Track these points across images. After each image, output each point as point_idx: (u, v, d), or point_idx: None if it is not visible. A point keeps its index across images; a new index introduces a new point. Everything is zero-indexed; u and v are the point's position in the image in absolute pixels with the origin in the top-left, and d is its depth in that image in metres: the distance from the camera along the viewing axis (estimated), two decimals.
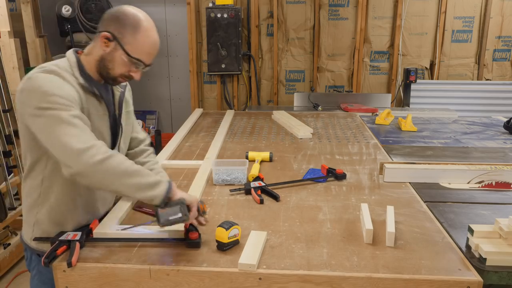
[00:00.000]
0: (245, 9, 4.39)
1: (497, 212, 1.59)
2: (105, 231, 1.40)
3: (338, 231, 1.44)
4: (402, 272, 1.20)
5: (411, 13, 4.30)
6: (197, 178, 1.89)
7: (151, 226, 1.37)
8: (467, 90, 4.35)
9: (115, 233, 1.39)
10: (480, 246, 1.25)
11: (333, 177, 1.92)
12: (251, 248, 1.29)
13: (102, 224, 1.44)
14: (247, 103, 4.60)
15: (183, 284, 1.22)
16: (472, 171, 1.86)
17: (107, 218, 1.49)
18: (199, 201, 1.38)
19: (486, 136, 2.71)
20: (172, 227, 1.32)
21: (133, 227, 1.40)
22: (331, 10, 4.36)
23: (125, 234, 1.38)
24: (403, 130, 2.86)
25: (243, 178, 1.85)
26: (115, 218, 1.49)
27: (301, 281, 1.19)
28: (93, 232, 1.38)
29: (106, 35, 1.35)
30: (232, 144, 2.52)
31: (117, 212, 1.54)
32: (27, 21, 4.28)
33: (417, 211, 1.59)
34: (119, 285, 1.24)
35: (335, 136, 2.71)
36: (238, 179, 1.85)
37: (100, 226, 1.42)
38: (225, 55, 4.28)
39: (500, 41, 4.35)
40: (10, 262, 2.95)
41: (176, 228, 1.34)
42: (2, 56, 2.98)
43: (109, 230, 1.41)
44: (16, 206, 3.07)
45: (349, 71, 4.49)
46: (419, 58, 4.42)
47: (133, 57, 1.37)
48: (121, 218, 1.51)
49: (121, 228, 1.40)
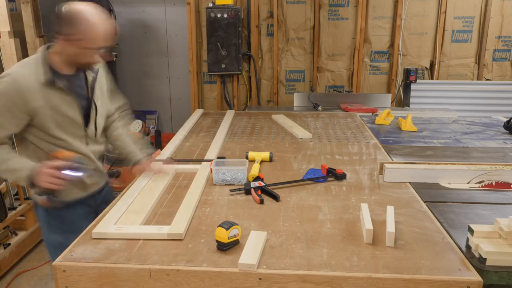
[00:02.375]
0: (245, 9, 4.39)
1: (497, 212, 1.59)
2: (105, 231, 1.40)
3: (338, 231, 1.44)
4: (402, 272, 1.20)
5: (411, 13, 4.30)
6: (196, 179, 1.89)
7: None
8: (467, 90, 4.35)
9: (115, 233, 1.40)
10: (480, 246, 1.25)
11: (333, 177, 1.92)
12: (251, 248, 1.29)
13: (102, 224, 1.45)
14: (247, 103, 4.60)
15: (183, 284, 1.22)
16: (472, 171, 1.86)
17: (106, 218, 1.50)
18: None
19: (486, 136, 2.71)
20: None
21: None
22: (331, 10, 4.36)
23: (124, 235, 1.39)
24: (403, 130, 2.86)
25: (243, 178, 1.85)
26: (114, 219, 1.49)
27: (301, 281, 1.19)
28: (93, 233, 1.39)
29: (63, 38, 1.59)
30: (232, 144, 2.52)
31: (116, 213, 1.54)
32: (27, 21, 4.28)
33: (417, 211, 1.59)
34: (119, 285, 1.24)
35: (335, 136, 2.71)
36: (238, 179, 1.85)
37: (100, 226, 1.43)
38: (225, 55, 4.28)
39: (500, 41, 4.35)
40: (10, 262, 2.95)
41: None
42: (2, 56, 2.98)
43: (108, 230, 1.41)
44: (16, 206, 3.06)
45: (349, 71, 4.49)
46: (419, 58, 4.42)
47: (91, 48, 1.60)
48: (119, 219, 1.51)
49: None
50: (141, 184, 1.81)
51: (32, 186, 1.62)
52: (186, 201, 1.64)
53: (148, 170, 1.91)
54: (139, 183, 1.82)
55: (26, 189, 3.15)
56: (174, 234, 1.38)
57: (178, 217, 1.49)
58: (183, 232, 1.40)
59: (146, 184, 1.82)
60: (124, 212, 1.55)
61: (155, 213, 1.58)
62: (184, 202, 1.63)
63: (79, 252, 1.31)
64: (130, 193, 1.72)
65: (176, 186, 1.85)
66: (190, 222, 1.49)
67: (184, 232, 1.41)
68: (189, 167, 2.07)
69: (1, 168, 1.63)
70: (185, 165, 2.10)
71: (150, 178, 1.88)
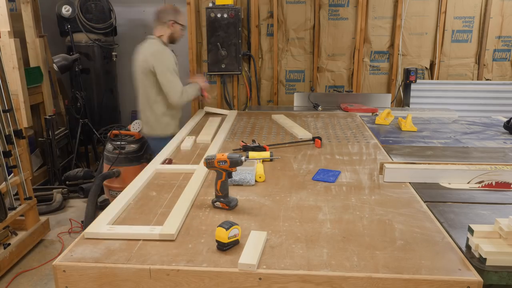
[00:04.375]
0: (245, 9, 4.40)
1: (497, 212, 1.59)
2: (97, 231, 1.40)
3: (338, 231, 1.44)
4: (402, 272, 1.20)
5: (411, 13, 4.30)
6: (192, 179, 1.89)
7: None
8: (467, 90, 4.35)
9: (107, 233, 1.39)
10: (480, 246, 1.25)
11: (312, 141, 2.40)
12: (251, 248, 1.29)
13: (95, 224, 1.45)
14: (247, 103, 4.60)
15: (183, 284, 1.22)
16: (472, 171, 1.86)
17: (100, 218, 1.50)
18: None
19: (486, 136, 2.71)
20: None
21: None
22: (331, 10, 4.36)
23: (116, 235, 1.39)
24: (403, 130, 2.86)
25: (251, 179, 1.85)
26: (107, 218, 1.49)
27: (301, 281, 1.19)
28: (85, 233, 1.41)
29: (172, 21, 2.98)
30: (232, 144, 2.52)
31: (110, 212, 1.54)
32: (27, 21, 4.28)
33: (417, 211, 1.59)
34: (119, 285, 1.24)
35: (335, 136, 2.71)
36: (246, 179, 1.85)
37: (93, 226, 1.44)
38: (225, 55, 4.28)
39: (500, 41, 4.36)
40: (10, 262, 2.95)
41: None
42: (2, 56, 2.97)
43: (100, 230, 1.41)
44: (16, 206, 3.06)
45: (349, 71, 4.49)
46: (419, 58, 4.42)
47: (183, 24, 3.07)
48: (113, 219, 1.51)
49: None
50: (137, 184, 1.82)
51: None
52: (180, 202, 1.63)
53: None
54: (135, 184, 1.82)
55: (26, 189, 3.15)
56: (165, 235, 1.37)
57: (171, 218, 1.48)
58: (175, 232, 1.39)
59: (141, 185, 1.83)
60: (116, 213, 1.55)
61: (155, 213, 1.58)
62: (178, 203, 1.62)
63: (79, 252, 1.31)
64: (125, 194, 1.71)
65: (176, 186, 1.85)
66: (183, 222, 1.49)
67: (176, 232, 1.40)
68: (188, 167, 2.08)
69: (189, 90, 3.00)
70: (184, 166, 2.11)
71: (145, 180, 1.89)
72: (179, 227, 1.45)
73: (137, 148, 3.49)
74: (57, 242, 3.38)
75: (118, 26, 5.09)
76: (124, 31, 5.26)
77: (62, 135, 4.62)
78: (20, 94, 3.92)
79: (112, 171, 3.39)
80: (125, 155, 3.44)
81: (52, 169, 4.38)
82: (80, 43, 4.78)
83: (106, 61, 5.05)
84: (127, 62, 5.54)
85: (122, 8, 5.12)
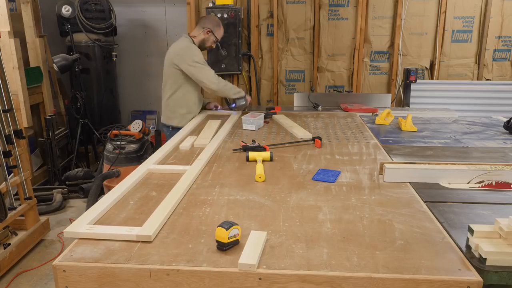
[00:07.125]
0: (245, 9, 4.40)
1: (497, 212, 1.59)
2: (77, 231, 1.40)
3: (338, 231, 1.44)
4: (402, 272, 1.20)
5: (411, 13, 4.30)
6: (181, 180, 1.87)
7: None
8: (467, 90, 4.36)
9: (85, 233, 1.39)
10: (480, 246, 1.25)
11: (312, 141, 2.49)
12: (251, 248, 1.28)
13: (75, 223, 1.44)
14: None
15: (183, 284, 1.22)
16: (472, 171, 1.86)
17: (81, 217, 1.49)
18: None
19: (486, 136, 2.71)
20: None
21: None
22: (331, 10, 4.36)
23: (94, 235, 1.39)
24: (403, 130, 2.86)
25: (260, 123, 2.92)
26: (89, 217, 1.49)
27: (301, 281, 1.19)
28: (65, 231, 1.40)
29: (208, 30, 3.24)
30: (232, 144, 2.52)
31: (94, 212, 1.53)
32: (27, 21, 4.28)
33: (417, 211, 1.59)
34: (119, 285, 1.24)
35: (335, 136, 2.71)
36: (258, 124, 2.89)
37: (72, 225, 1.43)
38: (225, 55, 4.28)
39: (500, 41, 4.36)
40: (10, 262, 2.95)
41: None
42: (2, 56, 2.97)
43: (79, 230, 1.40)
44: (16, 206, 3.06)
45: (349, 71, 4.49)
46: (419, 58, 4.42)
47: (217, 37, 3.30)
48: (95, 218, 1.51)
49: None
50: (125, 184, 1.82)
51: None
52: (163, 203, 1.61)
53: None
54: (125, 183, 1.82)
55: (26, 189, 3.15)
56: (143, 236, 1.36)
57: (151, 219, 1.47)
58: (152, 234, 1.37)
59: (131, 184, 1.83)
60: (99, 213, 1.54)
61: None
62: (161, 204, 1.60)
63: (79, 252, 1.31)
64: (112, 193, 1.71)
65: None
66: (163, 224, 1.47)
67: (154, 234, 1.38)
68: (180, 168, 2.07)
69: (228, 83, 3.29)
70: (178, 166, 2.11)
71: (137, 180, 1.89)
72: (158, 229, 1.43)
73: (137, 148, 3.49)
74: (57, 242, 3.38)
75: (118, 26, 5.10)
76: (124, 31, 5.26)
77: (62, 135, 4.62)
78: (20, 94, 3.92)
79: (112, 171, 3.39)
80: (125, 155, 3.44)
81: (52, 169, 4.38)
82: (80, 43, 4.79)
83: (106, 61, 5.05)
84: (127, 62, 5.56)
85: (122, 8, 5.12)
